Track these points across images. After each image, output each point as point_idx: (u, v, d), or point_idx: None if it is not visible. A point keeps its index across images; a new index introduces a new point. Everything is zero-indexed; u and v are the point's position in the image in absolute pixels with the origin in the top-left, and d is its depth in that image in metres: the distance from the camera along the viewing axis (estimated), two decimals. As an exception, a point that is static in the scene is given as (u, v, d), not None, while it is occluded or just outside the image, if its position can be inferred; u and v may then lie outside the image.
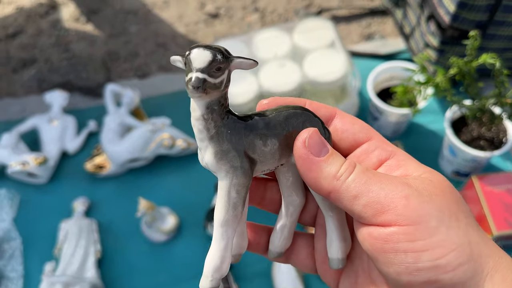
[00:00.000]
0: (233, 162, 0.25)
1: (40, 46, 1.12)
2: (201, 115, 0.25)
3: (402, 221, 0.23)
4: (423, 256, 0.22)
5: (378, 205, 0.23)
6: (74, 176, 0.91)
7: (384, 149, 0.27)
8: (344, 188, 0.24)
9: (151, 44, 1.11)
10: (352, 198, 0.24)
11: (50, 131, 0.92)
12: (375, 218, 0.23)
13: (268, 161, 0.27)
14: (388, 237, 0.23)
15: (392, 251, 0.23)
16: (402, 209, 0.23)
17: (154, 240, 0.83)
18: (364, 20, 1.12)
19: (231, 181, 0.26)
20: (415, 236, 0.22)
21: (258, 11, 1.15)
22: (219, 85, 0.24)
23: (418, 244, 0.22)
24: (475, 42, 0.66)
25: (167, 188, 0.89)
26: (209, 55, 0.24)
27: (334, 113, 0.29)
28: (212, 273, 0.27)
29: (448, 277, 0.22)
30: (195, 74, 0.23)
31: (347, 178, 0.24)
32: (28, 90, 1.05)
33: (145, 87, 1.01)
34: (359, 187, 0.24)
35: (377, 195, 0.23)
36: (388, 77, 0.90)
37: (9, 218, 0.86)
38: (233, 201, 0.26)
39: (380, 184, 0.24)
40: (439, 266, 0.22)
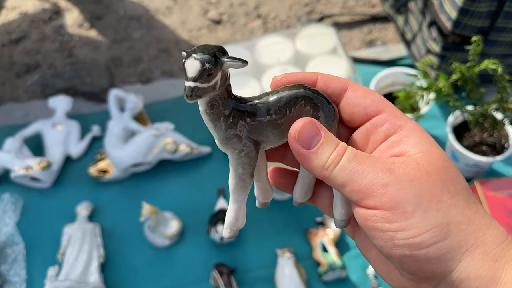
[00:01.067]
0: (236, 146, 0.29)
1: (43, 51, 1.13)
2: (204, 109, 0.28)
3: (380, 206, 0.26)
4: (398, 235, 0.25)
5: (361, 193, 0.26)
6: (77, 181, 0.91)
7: (392, 123, 0.29)
8: (332, 177, 0.27)
9: (154, 50, 1.12)
10: (340, 185, 0.27)
11: (54, 135, 0.92)
12: (359, 202, 0.27)
13: (272, 141, 0.31)
14: (369, 217, 0.26)
15: (373, 229, 0.26)
16: (380, 197, 0.26)
17: (157, 245, 0.83)
18: (366, 27, 1.12)
19: (236, 161, 0.30)
20: (391, 219, 0.26)
21: (260, 17, 1.16)
22: (214, 86, 0.27)
23: (394, 226, 0.26)
24: (477, 48, 0.66)
25: (170, 193, 0.90)
26: (198, 65, 0.26)
27: (347, 86, 0.30)
28: (230, 226, 0.32)
29: (422, 253, 0.25)
30: (187, 83, 0.27)
31: (334, 169, 0.27)
32: (32, 95, 1.06)
33: (149, 92, 1.02)
34: (344, 177, 0.27)
35: (358, 184, 0.26)
36: (390, 83, 0.91)
37: (12, 223, 0.86)
38: (240, 175, 0.30)
39: (363, 173, 0.26)
40: (413, 244, 0.25)
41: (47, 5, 1.22)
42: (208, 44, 0.28)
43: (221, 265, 0.79)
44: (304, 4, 1.18)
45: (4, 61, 1.12)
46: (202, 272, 0.81)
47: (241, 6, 1.19)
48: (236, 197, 0.31)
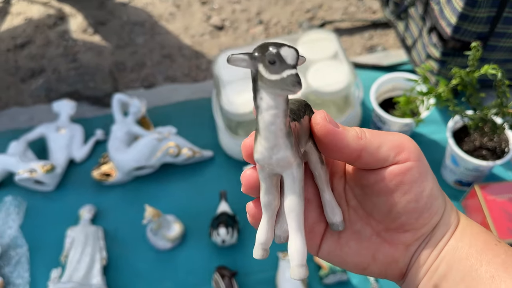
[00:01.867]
0: (300, 154, 0.27)
1: (48, 56, 1.14)
2: (283, 110, 0.25)
3: (412, 158, 0.29)
4: (427, 184, 0.29)
5: (396, 148, 0.29)
6: (80, 184, 0.92)
7: None
8: (369, 143, 0.29)
9: (157, 55, 1.13)
10: (377, 148, 0.29)
11: (58, 139, 0.93)
12: (396, 158, 0.29)
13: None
14: (406, 170, 0.29)
15: (409, 181, 0.29)
16: (411, 148, 0.29)
17: (160, 248, 0.84)
18: (367, 32, 1.13)
19: (300, 172, 0.27)
20: (420, 169, 0.29)
21: (262, 23, 1.17)
22: None
23: (423, 175, 0.29)
24: (477, 53, 0.67)
25: (172, 196, 0.90)
26: (295, 53, 0.25)
27: None
28: (300, 265, 0.28)
29: (437, 192, 0.30)
30: (290, 71, 0.24)
31: (366, 136, 0.29)
32: (36, 99, 1.07)
33: (151, 97, 1.03)
34: (378, 138, 0.29)
35: (391, 141, 0.29)
36: (390, 88, 0.92)
37: (15, 225, 0.87)
38: (301, 191, 0.28)
39: (388, 135, 0.30)
40: (434, 189, 0.29)
41: (52, 11, 1.23)
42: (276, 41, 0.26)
43: (222, 268, 0.80)
44: (305, 10, 1.20)
45: (9, 65, 1.13)
46: (204, 275, 0.81)
47: (243, 12, 1.21)
48: (299, 223, 0.28)
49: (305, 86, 0.86)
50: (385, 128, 0.88)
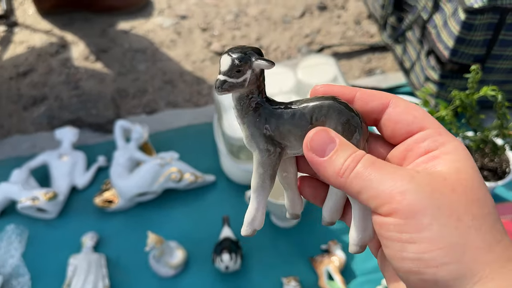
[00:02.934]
0: (259, 145, 0.31)
1: (50, 84, 1.15)
2: (234, 106, 0.30)
3: (395, 215, 0.25)
4: (408, 247, 0.24)
5: (378, 199, 0.25)
6: (83, 211, 0.92)
7: (435, 140, 0.28)
8: (348, 184, 0.26)
9: (159, 81, 1.14)
10: (357, 193, 0.26)
11: (60, 166, 0.93)
12: (376, 210, 0.26)
13: (295, 147, 0.31)
14: (384, 225, 0.25)
15: (385, 237, 0.25)
16: (396, 204, 0.24)
17: (162, 275, 0.83)
18: (365, 56, 1.15)
19: (258, 160, 0.31)
20: (404, 229, 0.24)
21: (262, 49, 1.19)
22: (242, 83, 0.29)
23: (405, 236, 0.24)
24: (477, 76, 0.68)
25: (175, 222, 0.90)
26: (229, 61, 0.29)
27: (388, 102, 0.30)
28: (247, 225, 0.32)
29: (431, 272, 0.24)
30: (218, 76, 0.29)
31: (349, 175, 0.26)
32: (38, 127, 1.07)
33: (153, 123, 1.04)
34: (361, 183, 0.26)
35: (376, 190, 0.25)
36: (390, 110, 0.92)
37: (18, 254, 0.86)
38: (261, 175, 0.31)
39: (381, 180, 0.25)
40: (422, 259, 0.24)
41: (54, 39, 1.25)
42: (246, 45, 0.30)
43: (226, 294, 0.79)
44: (304, 35, 1.22)
45: (11, 93, 1.14)
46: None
47: (243, 38, 1.22)
48: (255, 197, 0.32)
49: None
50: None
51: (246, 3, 1.31)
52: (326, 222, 0.35)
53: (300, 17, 1.26)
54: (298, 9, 1.28)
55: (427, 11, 0.93)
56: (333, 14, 1.27)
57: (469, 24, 0.82)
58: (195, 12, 1.30)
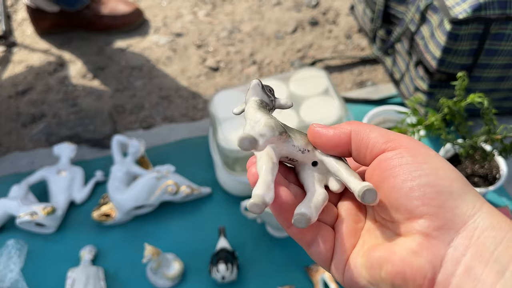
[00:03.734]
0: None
1: (48, 101, 1.18)
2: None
3: (404, 146, 0.28)
4: (423, 165, 0.27)
5: (386, 136, 0.29)
6: (81, 225, 0.93)
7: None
8: (356, 131, 0.30)
9: (155, 97, 1.16)
10: (368, 132, 0.30)
11: (59, 182, 0.95)
12: (385, 145, 0.29)
13: (297, 139, 0.32)
14: (395, 155, 0.28)
15: (398, 164, 0.27)
16: (404, 139, 0.29)
17: (160, 287, 0.84)
18: (356, 69, 1.18)
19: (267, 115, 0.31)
20: (414, 152, 0.28)
21: (255, 64, 1.22)
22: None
23: (418, 159, 0.27)
24: (463, 83, 0.70)
25: (171, 234, 0.91)
26: None
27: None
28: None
29: (446, 184, 0.26)
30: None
31: (353, 125, 0.30)
32: (37, 143, 1.09)
33: (150, 137, 1.06)
34: (368, 131, 0.30)
35: (380, 131, 0.29)
36: (381, 120, 0.94)
37: (17, 269, 0.87)
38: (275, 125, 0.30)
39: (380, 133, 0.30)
40: (438, 174, 0.27)
41: (52, 58, 1.28)
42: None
43: (223, 304, 0.80)
44: (296, 50, 1.24)
45: (10, 112, 1.16)
46: None
47: (237, 53, 1.25)
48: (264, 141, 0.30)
49: (297, 121, 0.89)
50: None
51: (240, 20, 1.35)
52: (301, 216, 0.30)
53: (293, 33, 1.29)
54: (291, 25, 1.31)
55: (414, 23, 0.96)
56: (324, 29, 1.30)
57: (455, 34, 0.84)
58: (190, 30, 1.33)
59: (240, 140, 0.28)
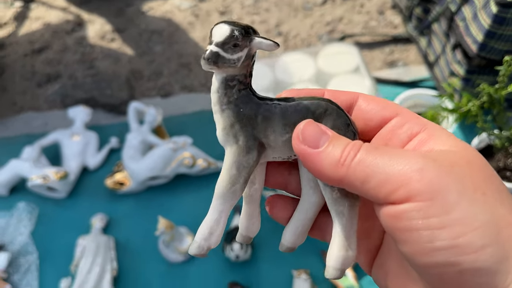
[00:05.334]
0: (239, 140, 0.26)
1: (65, 62, 1.14)
2: (217, 88, 0.26)
3: (415, 197, 0.21)
4: (440, 234, 0.20)
5: (389, 184, 0.21)
6: (93, 192, 0.90)
7: (414, 123, 0.25)
8: (351, 173, 0.23)
9: (174, 64, 1.12)
10: (362, 182, 0.22)
11: (72, 146, 0.92)
12: (388, 198, 0.22)
13: (279, 149, 0.27)
14: (401, 214, 0.21)
15: (406, 229, 0.21)
16: (416, 183, 0.21)
17: (171, 260, 0.82)
18: (387, 47, 1.12)
19: (233, 158, 0.26)
20: (430, 212, 0.20)
21: (281, 35, 1.16)
22: (235, 61, 0.25)
23: (434, 221, 0.20)
24: (509, 68, 0.65)
25: (185, 208, 0.89)
26: (228, 30, 0.24)
27: (357, 97, 0.28)
28: (200, 240, 0.27)
29: (469, 260, 0.20)
30: (210, 47, 0.24)
31: (351, 161, 0.23)
32: (51, 104, 1.06)
33: (168, 106, 1.02)
34: (366, 169, 0.22)
35: (387, 173, 0.21)
36: (412, 104, 0.89)
37: (27, 232, 0.85)
38: (233, 178, 0.26)
39: (390, 161, 0.22)
40: (459, 246, 0.20)
41: (70, 17, 1.23)
42: (237, 21, 0.26)
43: (235, 284, 0.77)
44: (325, 23, 1.18)
45: (25, 70, 1.13)
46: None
47: (262, 23, 1.20)
48: (219, 204, 0.27)
49: (325, 99, 0.84)
50: (406, 145, 0.86)
51: (267, -12, 1.28)
52: (286, 247, 0.30)
53: (322, 4, 1.23)
54: (320, -4, 1.25)
55: (455, 3, 0.89)
56: (356, 2, 1.23)
57: (501, 17, 0.78)
58: (214, -5, 1.27)
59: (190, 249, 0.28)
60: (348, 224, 0.27)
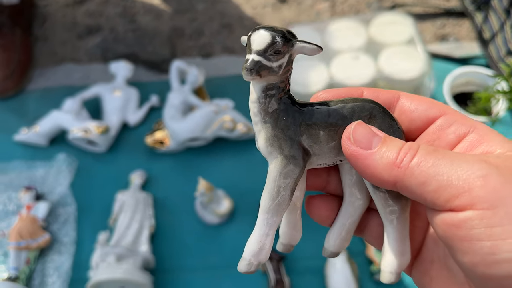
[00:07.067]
0: (284, 150, 0.25)
1: (106, 14, 1.12)
2: (257, 98, 0.25)
3: (478, 205, 0.19)
4: (503, 245, 0.19)
5: (451, 189, 0.20)
6: (132, 149, 0.90)
7: (462, 123, 0.24)
8: (408, 175, 0.21)
9: (216, 24, 1.09)
10: (420, 185, 0.21)
11: (113, 101, 0.91)
12: (448, 204, 0.20)
13: (324, 155, 0.26)
14: (462, 223, 0.20)
15: (467, 239, 0.20)
16: (479, 190, 0.20)
17: (207, 222, 0.82)
18: (439, 20, 1.07)
19: (279, 169, 0.25)
20: (493, 221, 0.19)
21: (329, 0, 1.12)
22: (277, 69, 0.24)
23: (497, 231, 0.19)
24: None
25: (223, 171, 0.88)
26: (269, 37, 0.23)
27: (398, 96, 0.27)
28: (250, 257, 0.26)
29: None
30: (252, 56, 0.23)
31: (409, 163, 0.22)
32: (92, 57, 1.05)
33: (208, 67, 1.00)
34: (426, 170, 0.21)
35: (448, 177, 0.20)
36: (464, 82, 0.86)
37: (66, 183, 0.86)
38: (280, 190, 0.26)
39: (452, 165, 0.20)
40: None
41: (112, -31, 1.21)
42: (275, 26, 0.24)
43: (271, 250, 0.78)
44: (374, -10, 1.13)
45: (66, 21, 1.12)
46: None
47: (308, -13, 1.15)
48: (267, 218, 0.26)
49: (375, 70, 0.81)
50: (455, 124, 0.83)
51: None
52: (330, 253, 0.30)
53: (372, -29, 1.17)
54: (370, -39, 1.19)
55: (522, -23, 0.84)
56: (408, -30, 1.17)
57: None
58: (260, -46, 1.22)
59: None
60: (400, 227, 0.26)
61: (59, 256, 0.80)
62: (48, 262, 0.80)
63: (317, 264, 0.78)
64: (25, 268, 0.77)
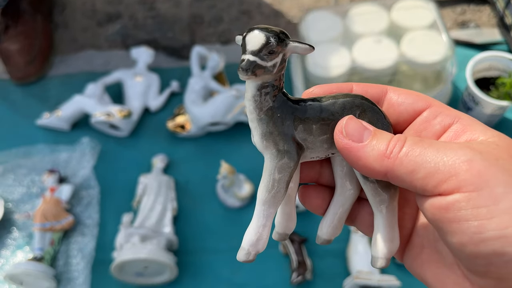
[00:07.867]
0: (279, 145, 0.26)
1: (125, 2, 1.13)
2: (252, 96, 0.26)
3: (464, 188, 0.21)
4: (488, 224, 0.20)
5: (439, 175, 0.22)
6: (154, 133, 0.91)
7: (447, 115, 0.26)
8: (397, 164, 0.23)
9: (235, 11, 1.09)
10: (409, 173, 0.22)
11: (135, 86, 0.92)
12: (437, 189, 0.22)
13: (317, 149, 0.28)
14: (450, 205, 0.21)
15: (455, 220, 0.21)
16: (464, 174, 0.21)
17: (228, 205, 0.83)
18: (459, 6, 1.06)
19: (275, 163, 0.27)
20: (478, 202, 0.21)
21: (347, -14, 1.12)
22: (271, 68, 0.25)
23: (482, 211, 0.20)
24: None
25: (243, 155, 0.89)
26: (263, 38, 0.24)
27: (386, 90, 0.28)
28: (248, 246, 0.28)
29: None
30: (245, 56, 0.24)
31: (398, 153, 0.23)
32: (112, 44, 1.06)
33: (227, 53, 1.00)
34: (414, 159, 0.22)
35: (435, 164, 0.22)
36: (486, 67, 0.85)
37: (89, 166, 0.87)
38: (275, 182, 0.27)
39: (438, 153, 0.22)
40: (507, 236, 0.20)
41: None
42: (270, 26, 0.25)
43: (292, 233, 0.78)
44: (393, -23, 1.13)
45: (86, 8, 1.13)
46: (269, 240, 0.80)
47: (327, -26, 1.15)
48: (264, 210, 0.28)
49: (398, 54, 0.81)
50: (477, 109, 0.82)
51: None
52: (323, 240, 0.31)
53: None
54: None
55: (547, -40, 0.83)
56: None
57: None
58: None
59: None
60: (390, 215, 0.28)
61: (82, 238, 0.82)
62: (72, 244, 0.81)
63: (339, 246, 0.78)
64: (50, 249, 0.79)
